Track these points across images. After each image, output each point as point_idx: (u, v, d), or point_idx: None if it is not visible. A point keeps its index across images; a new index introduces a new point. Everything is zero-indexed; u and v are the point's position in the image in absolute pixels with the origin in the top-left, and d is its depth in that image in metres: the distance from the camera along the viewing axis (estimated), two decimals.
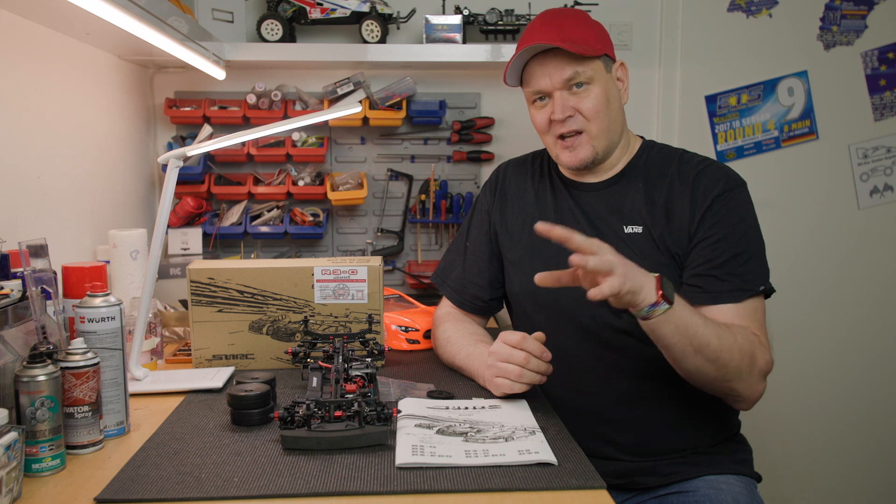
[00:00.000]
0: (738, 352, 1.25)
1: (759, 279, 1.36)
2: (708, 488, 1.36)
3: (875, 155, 2.56)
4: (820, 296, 2.59)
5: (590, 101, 1.40)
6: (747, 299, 1.34)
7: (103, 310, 1.14)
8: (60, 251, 1.60)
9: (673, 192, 1.41)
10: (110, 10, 1.22)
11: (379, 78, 2.32)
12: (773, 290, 1.39)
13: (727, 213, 1.37)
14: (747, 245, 1.37)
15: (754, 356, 1.28)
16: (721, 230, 1.37)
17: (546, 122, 1.44)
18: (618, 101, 1.45)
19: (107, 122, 1.97)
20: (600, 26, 1.46)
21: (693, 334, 1.21)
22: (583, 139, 1.42)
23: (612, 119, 1.43)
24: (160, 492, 0.95)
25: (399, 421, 1.16)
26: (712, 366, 1.24)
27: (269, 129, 1.48)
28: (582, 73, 1.38)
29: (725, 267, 1.35)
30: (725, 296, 1.34)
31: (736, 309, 1.34)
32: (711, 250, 1.36)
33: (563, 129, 1.42)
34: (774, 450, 2.59)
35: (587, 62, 1.39)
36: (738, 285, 1.34)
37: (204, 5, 2.11)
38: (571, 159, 1.44)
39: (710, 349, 1.23)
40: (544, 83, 1.41)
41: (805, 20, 2.50)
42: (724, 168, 1.43)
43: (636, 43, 2.46)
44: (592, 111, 1.40)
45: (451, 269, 1.63)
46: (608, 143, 1.44)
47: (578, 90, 1.40)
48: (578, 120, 1.41)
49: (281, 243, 2.39)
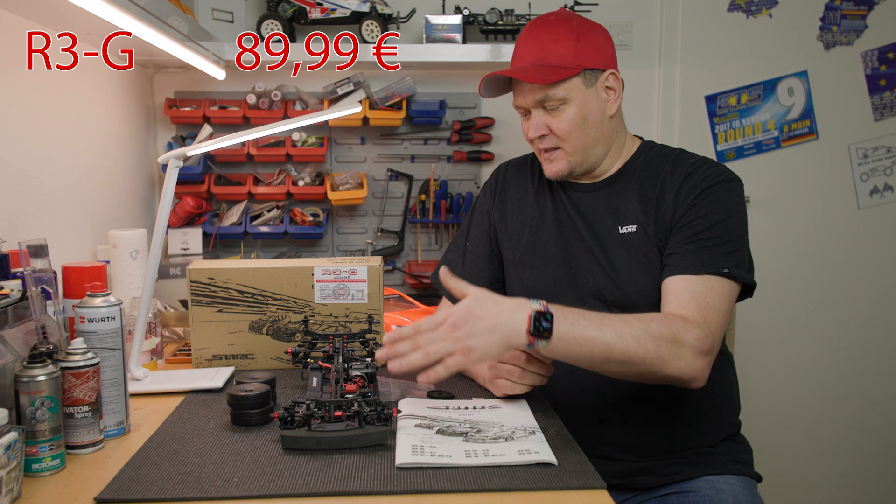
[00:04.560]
0: (652, 340, 1.19)
1: (727, 264, 1.31)
2: (708, 488, 1.36)
3: (875, 155, 2.56)
4: (820, 296, 2.59)
5: (562, 121, 1.41)
6: (704, 274, 1.30)
7: (103, 310, 1.14)
8: (60, 251, 1.60)
9: (664, 188, 1.41)
10: (110, 10, 1.22)
11: (379, 78, 2.32)
12: (751, 282, 1.35)
13: (710, 202, 1.36)
14: (723, 233, 1.34)
15: (676, 337, 1.21)
16: (699, 216, 1.35)
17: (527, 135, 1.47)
18: (599, 115, 1.43)
19: (107, 122, 1.97)
20: (589, 34, 1.43)
21: (592, 347, 1.17)
22: (559, 154, 1.45)
23: (591, 134, 1.43)
24: (160, 492, 0.95)
25: (399, 421, 1.16)
26: (628, 365, 1.20)
27: (269, 129, 1.48)
28: (553, 96, 1.40)
29: (692, 244, 1.33)
30: (682, 268, 1.32)
31: (686, 281, 1.30)
32: (685, 231, 1.35)
33: (540, 145, 1.46)
34: (774, 450, 2.59)
35: (559, 84, 1.39)
36: (698, 261, 1.31)
37: (204, 5, 2.11)
38: (549, 171, 1.48)
39: (616, 351, 1.18)
40: (520, 101, 1.45)
41: (805, 20, 2.50)
42: (718, 166, 1.42)
43: (636, 43, 2.47)
44: (564, 131, 1.42)
45: (450, 269, 1.62)
46: (586, 158, 1.45)
47: (552, 110, 1.42)
48: (552, 139, 1.44)
49: (281, 243, 2.39)
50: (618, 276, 1.41)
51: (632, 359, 1.19)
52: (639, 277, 1.38)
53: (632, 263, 1.40)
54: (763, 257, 2.50)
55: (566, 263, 1.47)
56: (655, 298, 1.35)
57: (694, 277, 1.31)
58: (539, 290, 1.50)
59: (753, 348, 2.56)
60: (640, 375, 1.23)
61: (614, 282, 1.41)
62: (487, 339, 1.12)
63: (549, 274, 1.49)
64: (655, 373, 1.22)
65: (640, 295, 1.37)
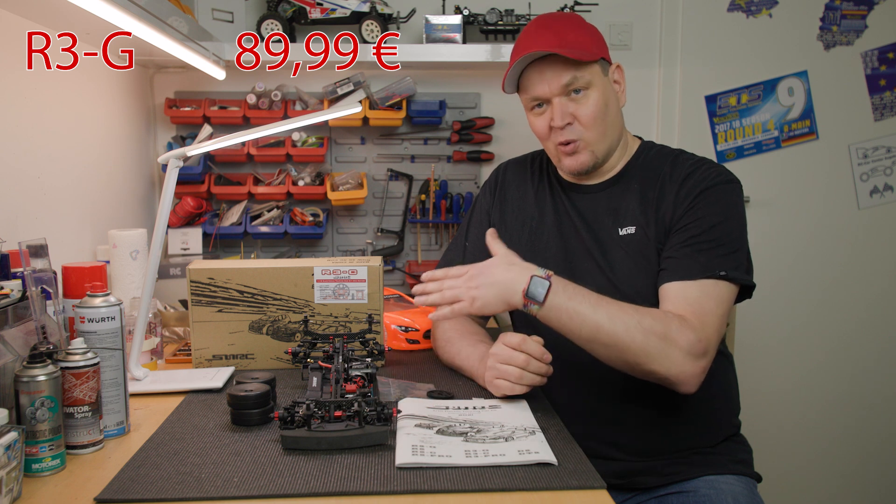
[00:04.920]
0: (641, 332, 1.21)
1: (725, 266, 1.31)
2: (708, 488, 1.36)
3: (875, 155, 2.56)
4: (820, 296, 2.59)
5: (588, 107, 1.40)
6: (700, 279, 1.30)
7: (103, 310, 1.14)
8: (60, 251, 1.60)
9: (663, 189, 1.41)
10: (110, 10, 1.22)
11: (379, 78, 2.32)
12: (749, 284, 1.35)
13: (708, 204, 1.36)
14: (721, 235, 1.34)
15: (668, 336, 1.23)
16: (696, 218, 1.35)
17: (546, 128, 1.44)
18: (616, 105, 1.45)
19: (107, 122, 1.97)
20: (595, 29, 1.46)
21: (581, 322, 1.23)
22: (581, 145, 1.43)
23: (610, 123, 1.43)
24: (160, 492, 0.95)
25: (399, 421, 1.16)
26: (613, 349, 1.23)
27: (269, 129, 1.48)
28: (580, 79, 1.38)
29: (688, 247, 1.33)
30: (679, 273, 1.32)
31: (683, 287, 1.31)
32: (682, 234, 1.36)
33: (562, 138, 1.42)
34: (774, 450, 2.59)
35: (585, 67, 1.38)
36: (694, 265, 1.31)
37: (204, 5, 2.11)
38: (573, 164, 1.45)
39: (603, 333, 1.22)
40: (542, 90, 1.41)
41: (805, 20, 2.50)
42: (717, 167, 1.42)
43: (636, 43, 2.46)
44: (590, 118, 1.40)
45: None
46: (607, 148, 1.45)
47: (577, 96, 1.40)
48: (577, 129, 1.42)
49: (281, 243, 2.39)
50: (616, 277, 1.41)
51: (617, 344, 1.23)
52: (637, 279, 1.38)
53: (630, 265, 1.40)
54: (763, 257, 2.50)
55: (566, 264, 1.47)
56: (654, 300, 1.35)
57: (690, 283, 1.31)
58: None
59: (753, 348, 2.56)
60: (627, 364, 1.26)
61: (613, 283, 1.41)
62: (490, 292, 1.26)
63: None
64: (641, 365, 1.24)
65: (639, 296, 1.36)
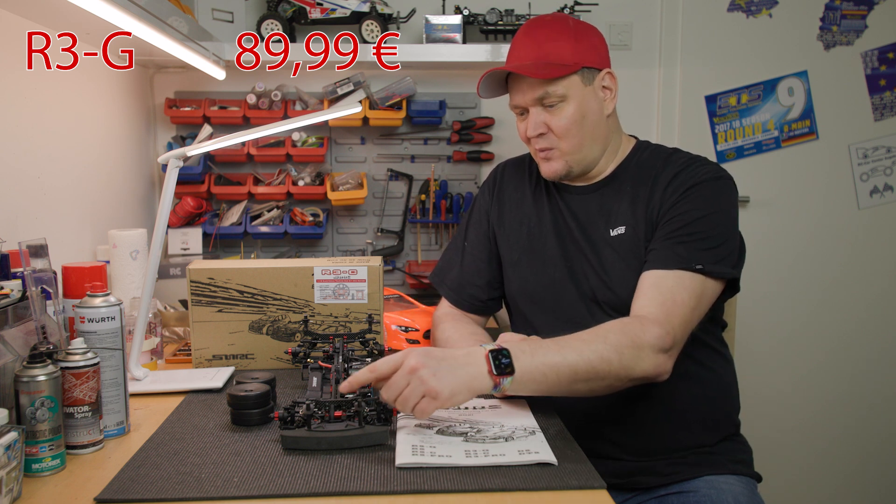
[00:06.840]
0: (615, 351, 1.19)
1: (703, 260, 1.30)
2: (708, 488, 1.36)
3: (875, 155, 2.56)
4: (820, 296, 2.59)
5: (562, 119, 1.41)
6: (676, 270, 1.30)
7: (103, 310, 1.14)
8: (60, 251, 1.60)
9: (654, 188, 1.41)
10: (110, 10, 1.22)
11: (379, 78, 2.32)
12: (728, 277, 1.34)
13: (693, 199, 1.36)
14: (704, 229, 1.33)
15: (635, 342, 1.21)
16: (681, 212, 1.35)
17: (525, 134, 1.47)
18: (598, 113, 1.44)
19: (107, 122, 1.97)
20: (585, 34, 1.43)
21: (558, 372, 1.15)
22: (555, 154, 1.44)
23: (589, 133, 1.43)
24: (160, 492, 0.95)
25: (399, 421, 1.16)
26: (595, 381, 1.19)
27: (269, 129, 1.48)
28: (553, 94, 1.40)
29: (670, 240, 1.33)
30: (656, 263, 1.32)
31: (658, 277, 1.30)
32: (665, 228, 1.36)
33: (538, 145, 1.45)
34: (774, 450, 2.59)
35: (559, 81, 1.40)
36: (672, 256, 1.31)
37: (204, 5, 2.11)
38: (547, 170, 1.47)
39: (581, 371, 1.17)
40: (519, 100, 1.45)
41: (805, 20, 2.50)
42: (708, 164, 1.42)
43: (636, 43, 2.46)
44: (563, 129, 1.41)
45: (449, 269, 1.63)
46: (583, 157, 1.45)
47: (551, 108, 1.42)
48: (550, 138, 1.43)
49: (281, 243, 2.39)
50: (609, 278, 1.41)
51: (598, 374, 1.18)
52: (630, 279, 1.37)
53: (622, 266, 1.40)
54: (763, 257, 2.51)
55: (564, 265, 1.47)
56: None
57: (666, 273, 1.31)
58: (538, 291, 1.50)
59: (753, 348, 2.56)
60: (610, 387, 1.23)
61: (606, 284, 1.41)
62: (452, 380, 1.08)
63: (547, 275, 1.49)
64: (623, 379, 1.22)
65: (632, 296, 1.35)
